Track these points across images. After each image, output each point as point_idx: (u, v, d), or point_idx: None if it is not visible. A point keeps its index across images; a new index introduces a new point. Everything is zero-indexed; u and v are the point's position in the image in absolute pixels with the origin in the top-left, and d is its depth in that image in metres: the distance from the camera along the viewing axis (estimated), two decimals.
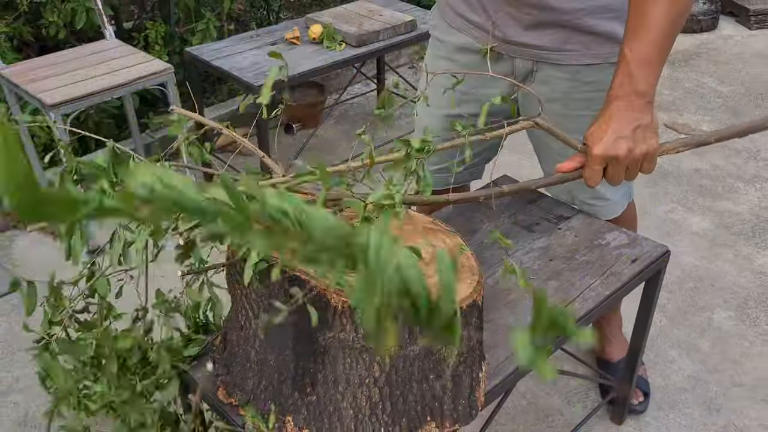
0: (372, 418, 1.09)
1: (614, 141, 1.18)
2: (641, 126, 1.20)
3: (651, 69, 1.19)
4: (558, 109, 1.52)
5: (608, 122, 1.19)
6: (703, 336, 2.11)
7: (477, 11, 1.51)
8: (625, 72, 1.20)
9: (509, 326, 1.35)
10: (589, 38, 1.43)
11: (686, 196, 2.75)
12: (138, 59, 2.46)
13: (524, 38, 1.46)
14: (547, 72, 1.49)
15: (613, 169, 1.21)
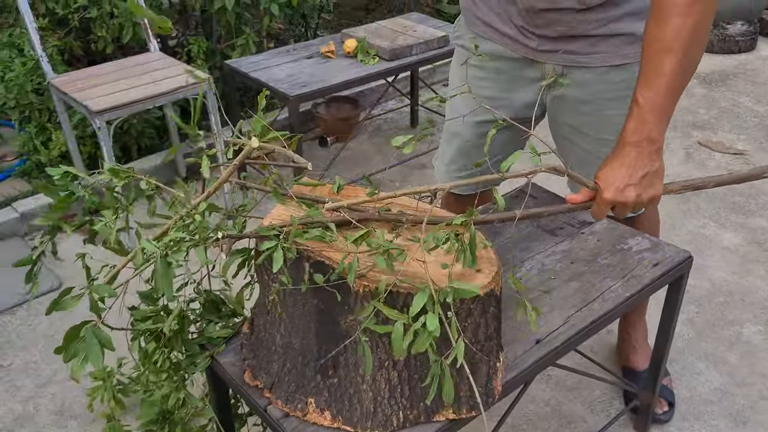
0: (391, 401, 1.13)
1: (624, 188, 1.23)
2: (650, 173, 1.24)
3: (663, 117, 1.24)
4: (589, 109, 1.55)
5: (620, 168, 1.23)
6: (731, 349, 2.09)
7: (507, 23, 1.55)
8: (638, 119, 1.24)
9: (526, 323, 1.37)
10: (617, 40, 1.46)
11: (718, 212, 2.73)
12: (179, 70, 2.57)
13: (555, 46, 1.50)
14: (578, 75, 1.52)
15: (620, 210, 1.26)
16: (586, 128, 1.60)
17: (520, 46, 1.56)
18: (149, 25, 2.76)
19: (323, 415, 1.15)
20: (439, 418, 1.16)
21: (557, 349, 1.32)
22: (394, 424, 1.14)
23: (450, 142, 1.80)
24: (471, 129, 1.72)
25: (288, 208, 1.23)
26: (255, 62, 2.68)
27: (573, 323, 1.37)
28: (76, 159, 2.71)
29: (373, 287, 1.07)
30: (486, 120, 1.69)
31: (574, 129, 1.62)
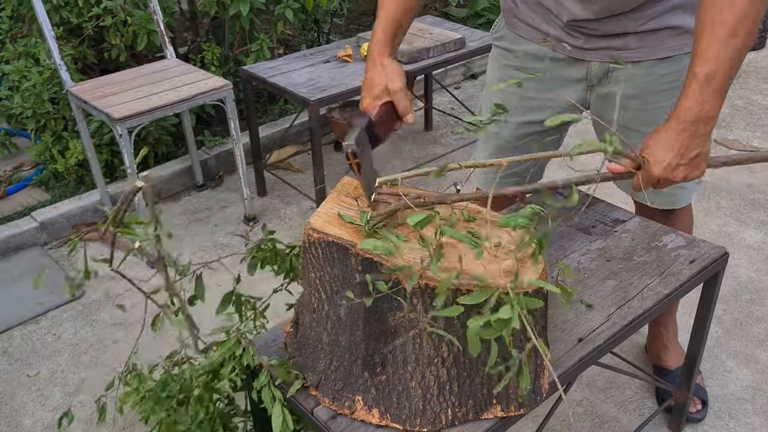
0: (440, 398, 1.12)
1: (675, 167, 1.20)
2: (701, 154, 1.21)
3: (722, 94, 1.21)
4: (636, 104, 1.55)
5: (673, 146, 1.20)
6: (761, 347, 2.08)
7: (551, 25, 1.55)
8: (698, 96, 1.20)
9: (567, 322, 1.37)
10: (664, 34, 1.46)
11: (739, 210, 2.73)
12: (198, 77, 2.57)
13: (599, 44, 1.50)
14: (625, 70, 1.51)
15: (663, 185, 1.23)
16: (633, 123, 1.58)
17: (565, 46, 1.55)
18: (164, 30, 2.76)
19: (371, 413, 1.14)
20: (487, 416, 1.15)
21: (600, 347, 1.31)
22: (442, 421, 1.13)
23: (488, 141, 1.78)
24: (511, 130, 1.70)
25: (334, 206, 1.23)
26: (272, 67, 2.68)
27: (614, 321, 1.36)
28: (94, 167, 2.70)
29: (423, 284, 1.06)
30: (527, 121, 1.67)
31: (621, 126, 1.60)
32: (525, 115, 1.67)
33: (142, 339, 2.18)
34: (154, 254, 2.53)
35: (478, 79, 4.04)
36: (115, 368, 2.03)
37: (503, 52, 1.69)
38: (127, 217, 1.34)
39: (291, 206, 2.89)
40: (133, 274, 2.47)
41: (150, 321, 2.16)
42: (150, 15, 2.81)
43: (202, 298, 1.52)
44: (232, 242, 2.66)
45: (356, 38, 2.87)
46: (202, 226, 2.77)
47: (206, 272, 2.48)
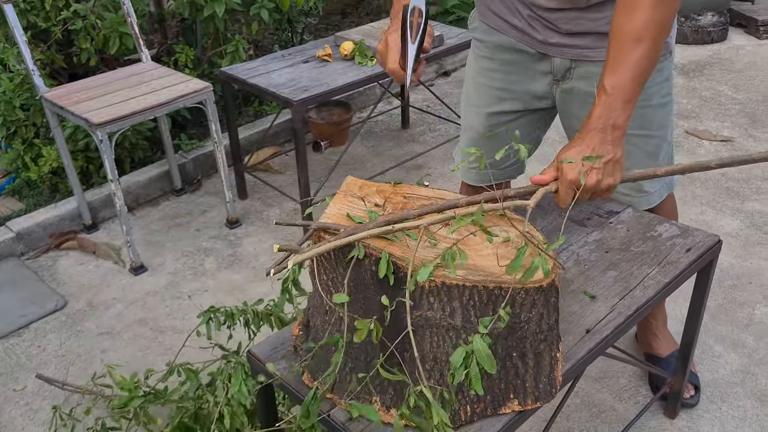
0: (458, 395, 1.12)
1: (588, 171, 1.23)
2: (612, 160, 1.25)
3: (629, 104, 1.26)
4: None
5: (584, 151, 1.24)
6: (746, 331, 2.13)
7: (516, 16, 1.57)
8: (605, 106, 1.25)
9: (573, 314, 1.38)
10: None
11: (715, 199, 2.79)
12: (176, 79, 2.53)
13: (563, 41, 1.53)
14: (585, 68, 1.55)
15: (581, 195, 1.26)
16: None
17: (529, 39, 1.58)
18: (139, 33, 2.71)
19: (389, 413, 1.14)
20: (505, 410, 1.15)
21: (608, 337, 1.32)
22: (462, 418, 1.14)
23: (465, 132, 1.81)
24: (482, 120, 1.73)
25: (341, 207, 1.22)
26: (251, 68, 2.65)
27: (619, 311, 1.37)
28: (70, 174, 2.64)
29: (440, 282, 1.06)
30: (496, 111, 1.70)
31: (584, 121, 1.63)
32: (495, 106, 1.70)
33: (130, 349, 2.15)
34: (137, 261, 2.49)
35: (450, 76, 4.06)
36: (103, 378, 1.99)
37: (477, 43, 1.72)
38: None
39: (273, 208, 2.87)
40: (117, 281, 2.44)
41: (138, 331, 2.13)
42: (122, 18, 2.76)
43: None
44: (215, 246, 2.62)
45: (334, 37, 2.85)
46: (184, 231, 2.73)
47: (188, 278, 2.45)
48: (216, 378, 1.78)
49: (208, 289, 2.40)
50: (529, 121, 1.73)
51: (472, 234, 1.17)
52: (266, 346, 1.33)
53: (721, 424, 1.83)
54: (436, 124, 3.50)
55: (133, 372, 2.03)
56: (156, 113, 2.37)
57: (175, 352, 2.12)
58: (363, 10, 4.74)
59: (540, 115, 1.73)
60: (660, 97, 1.58)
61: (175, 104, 2.39)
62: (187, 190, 3.00)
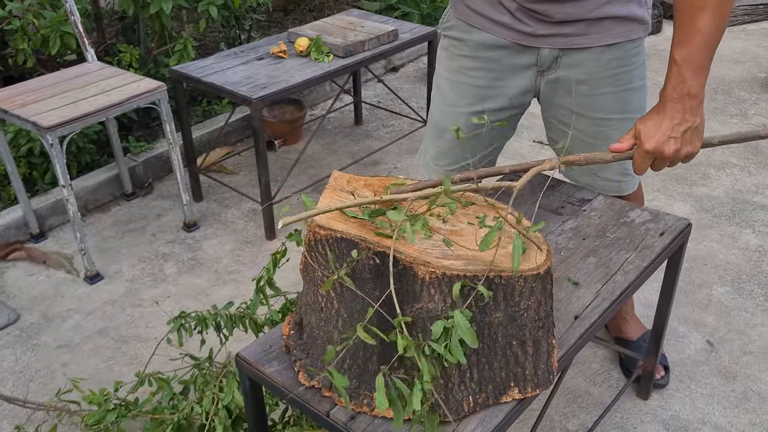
0: (461, 386, 1.11)
1: (666, 140, 1.27)
2: (691, 129, 1.29)
3: (702, 72, 1.28)
4: (585, 90, 1.59)
5: (663, 122, 1.28)
6: (706, 311, 2.20)
7: (501, 11, 1.56)
8: (678, 77, 1.28)
9: (559, 301, 1.39)
10: (610, 22, 1.51)
11: (665, 185, 2.88)
12: (126, 79, 2.44)
13: (552, 30, 1.53)
14: (573, 56, 1.56)
15: (659, 163, 1.31)
16: (581, 109, 1.63)
17: (515, 33, 1.57)
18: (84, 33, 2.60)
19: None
20: (506, 399, 1.15)
21: (595, 323, 1.34)
22: (465, 409, 1.13)
23: (441, 136, 1.77)
24: (464, 120, 1.71)
25: (332, 202, 1.19)
26: (205, 66, 2.58)
27: (603, 296, 1.39)
28: (15, 181, 2.51)
29: (441, 273, 1.05)
30: (480, 110, 1.69)
31: (570, 111, 1.65)
32: (478, 105, 1.68)
33: (92, 361, 2.07)
34: (93, 269, 2.39)
35: (399, 71, 4.06)
36: (69, 393, 1.90)
37: (454, 42, 1.69)
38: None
39: (231, 209, 2.80)
40: (71, 292, 2.33)
41: (99, 342, 2.05)
42: (63, 16, 2.65)
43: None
44: (174, 251, 2.55)
45: (287, 33, 2.81)
46: (139, 236, 2.64)
47: (148, 284, 2.38)
48: (189, 385, 1.73)
49: (171, 294, 2.33)
50: (511, 117, 1.73)
51: (470, 223, 1.17)
52: (255, 349, 1.29)
53: (691, 402, 1.88)
54: (389, 120, 3.49)
55: (98, 385, 1.96)
56: (109, 114, 2.28)
57: (140, 361, 2.05)
58: (306, 7, 4.70)
59: (520, 109, 1.73)
60: (639, 80, 1.61)
61: (128, 105, 2.31)
62: (138, 194, 2.90)
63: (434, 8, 4.36)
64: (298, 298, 1.64)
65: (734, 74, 3.91)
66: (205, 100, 3.44)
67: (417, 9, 4.23)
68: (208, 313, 1.70)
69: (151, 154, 2.98)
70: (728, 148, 3.16)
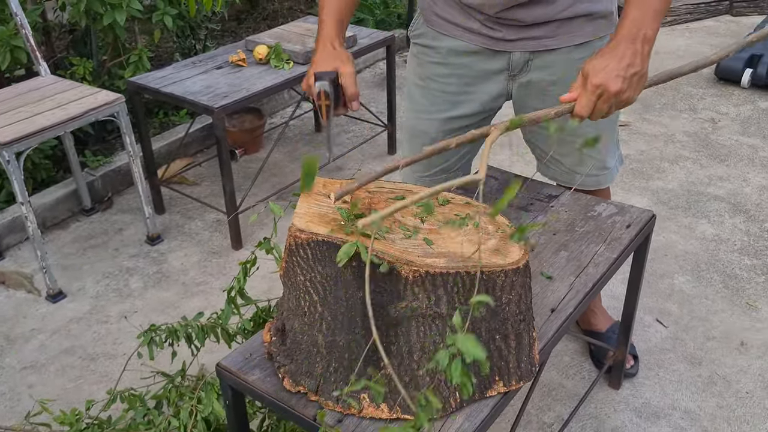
0: (447, 382, 1.12)
1: (614, 77, 1.23)
2: (638, 74, 1.26)
3: (657, 18, 1.27)
4: (557, 91, 1.62)
5: (613, 58, 1.24)
6: (669, 300, 2.26)
7: (471, 19, 1.58)
8: (634, 16, 1.26)
9: (535, 295, 1.42)
10: (579, 20, 1.55)
11: (622, 179, 2.95)
12: (83, 92, 2.39)
13: (522, 34, 1.56)
14: (544, 58, 1.58)
15: (601, 103, 1.25)
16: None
17: (485, 39, 1.58)
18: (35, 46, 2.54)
19: (380, 409, 1.13)
20: (491, 393, 1.17)
21: (571, 315, 1.37)
22: (452, 405, 1.14)
23: (413, 141, 1.79)
24: (437, 126, 1.72)
25: (310, 205, 1.19)
26: (163, 77, 2.55)
27: (577, 289, 1.43)
28: None
29: (424, 271, 1.06)
30: (453, 116, 1.70)
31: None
32: (450, 111, 1.70)
33: (60, 381, 2.02)
34: (55, 287, 2.34)
35: (357, 77, 4.07)
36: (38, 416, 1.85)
37: (424, 50, 1.70)
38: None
39: (194, 221, 2.77)
40: (33, 311, 2.27)
41: (66, 361, 2.00)
42: (12, 30, 2.58)
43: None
44: (138, 265, 2.50)
45: (245, 41, 2.79)
46: (101, 251, 2.59)
47: (113, 300, 2.33)
48: (162, 400, 1.70)
49: (138, 309, 2.29)
50: (482, 121, 1.75)
51: (453, 222, 1.18)
52: (236, 358, 1.28)
53: (661, 389, 1.93)
54: (349, 125, 3.49)
55: (67, 405, 1.91)
56: (67, 128, 2.23)
57: (110, 378, 2.01)
58: (259, 15, 4.67)
59: (492, 113, 1.75)
60: None
61: (86, 118, 2.26)
62: (98, 209, 2.84)
63: (388, 14, 4.40)
64: (270, 306, 1.63)
65: None
66: (162, 111, 3.40)
67: (371, 15, 4.25)
68: (178, 324, 1.67)
69: (109, 167, 2.93)
70: (680, 142, 3.26)
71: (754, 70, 3.72)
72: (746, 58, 3.75)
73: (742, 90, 3.76)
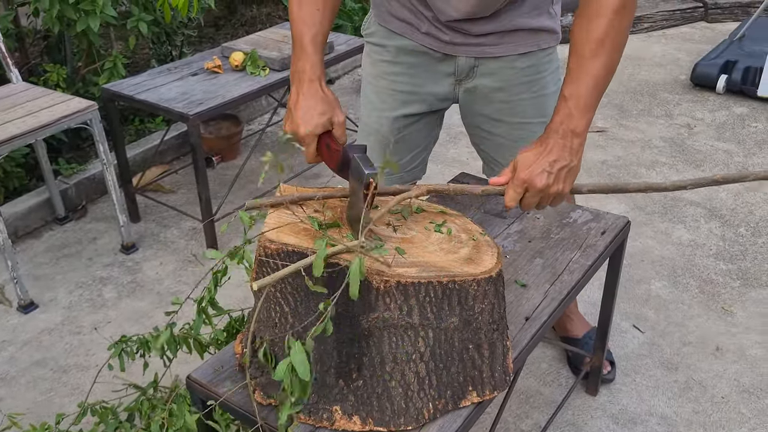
0: (420, 393, 1.11)
1: (540, 172, 1.23)
2: (566, 167, 1.25)
3: (589, 113, 1.28)
4: (502, 96, 1.64)
5: (540, 154, 1.25)
6: (645, 305, 2.27)
7: (421, 19, 1.59)
8: (565, 112, 1.27)
9: (509, 303, 1.41)
10: (523, 33, 1.58)
11: None
12: (54, 99, 2.36)
13: (467, 40, 1.58)
14: (489, 65, 1.61)
15: (529, 197, 1.26)
16: (500, 115, 1.68)
17: (433, 40, 1.60)
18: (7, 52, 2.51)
19: (352, 421, 1.11)
20: (465, 403, 1.16)
21: (546, 323, 1.37)
22: (425, 416, 1.13)
23: (366, 138, 1.80)
24: (389, 124, 1.73)
25: (281, 215, 1.18)
26: (137, 84, 2.52)
27: (552, 297, 1.42)
28: None
29: (395, 281, 1.05)
30: (402, 115, 1.71)
31: (489, 118, 1.69)
32: (400, 109, 1.72)
33: (30, 394, 1.98)
34: (27, 298, 2.30)
35: (335, 83, 4.06)
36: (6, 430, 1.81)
37: (375, 48, 1.72)
38: None
39: (170, 229, 2.74)
40: (4, 323, 2.23)
41: (36, 373, 1.96)
42: None
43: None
44: (112, 274, 2.47)
45: (221, 48, 2.77)
46: (74, 261, 2.55)
47: (86, 310, 2.30)
48: (134, 412, 1.67)
49: (111, 320, 2.25)
50: (431, 121, 1.76)
51: (427, 229, 1.17)
52: (206, 370, 1.27)
53: (638, 395, 1.93)
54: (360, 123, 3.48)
55: (37, 419, 1.87)
56: (38, 136, 2.20)
57: (82, 391, 1.98)
58: (237, 22, 4.65)
59: (440, 114, 1.77)
60: (553, 85, 1.66)
61: (58, 125, 2.23)
62: (71, 218, 2.80)
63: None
64: (244, 315, 1.61)
65: (657, 77, 4.06)
66: (137, 118, 3.36)
67: (350, 21, 4.24)
68: (150, 335, 1.65)
69: (83, 175, 2.89)
70: (656, 147, 3.28)
71: (729, 75, 3.76)
72: (721, 63, 3.79)
73: (717, 96, 3.80)
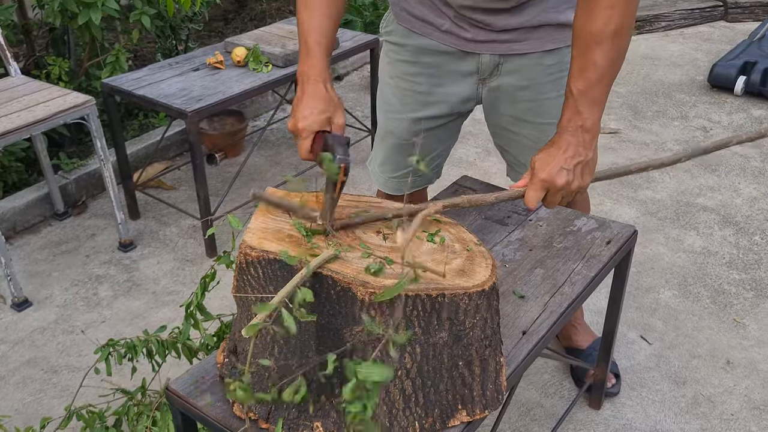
0: (406, 412, 1.05)
1: (558, 171, 1.23)
2: (583, 162, 1.24)
3: (598, 106, 1.25)
4: (528, 95, 1.56)
5: (556, 153, 1.24)
6: (654, 315, 2.19)
7: (441, 17, 1.53)
8: (573, 109, 1.25)
9: (506, 315, 1.35)
10: (549, 28, 1.50)
11: (610, 189, 2.88)
12: (52, 93, 2.31)
13: (491, 37, 1.50)
14: (514, 63, 1.53)
15: (551, 196, 1.25)
16: (526, 115, 1.61)
17: (455, 38, 1.54)
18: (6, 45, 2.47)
19: None
20: (454, 423, 1.10)
21: (544, 337, 1.30)
22: None
23: (383, 140, 1.75)
24: (406, 126, 1.68)
25: (265, 220, 1.12)
26: (137, 79, 2.47)
27: (551, 309, 1.36)
28: None
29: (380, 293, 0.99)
30: (422, 117, 1.65)
31: (514, 118, 1.62)
32: (420, 111, 1.65)
33: (20, 395, 1.94)
34: (20, 295, 2.26)
35: (343, 80, 4.00)
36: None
37: (394, 47, 1.65)
38: None
39: (169, 227, 2.69)
40: None
41: (27, 373, 1.93)
42: None
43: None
44: (109, 272, 2.42)
45: (224, 43, 2.72)
46: (72, 257, 2.51)
47: (81, 309, 2.26)
48: (122, 417, 1.63)
49: (105, 319, 2.21)
50: (454, 124, 1.70)
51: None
52: (187, 380, 1.21)
53: (643, 410, 1.86)
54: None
55: (26, 420, 1.84)
56: (32, 131, 2.15)
57: (72, 392, 1.93)
58: (246, 16, 4.60)
59: (461, 119, 1.71)
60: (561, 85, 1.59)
61: (53, 121, 2.18)
62: (70, 214, 2.76)
63: (377, 16, 4.32)
64: (232, 322, 1.56)
65: (674, 77, 3.97)
66: (141, 113, 3.32)
67: (360, 17, 4.18)
68: (138, 339, 1.60)
69: (84, 171, 2.85)
70: (670, 150, 3.19)
71: (748, 77, 3.66)
72: (740, 65, 3.69)
73: (736, 98, 3.70)
